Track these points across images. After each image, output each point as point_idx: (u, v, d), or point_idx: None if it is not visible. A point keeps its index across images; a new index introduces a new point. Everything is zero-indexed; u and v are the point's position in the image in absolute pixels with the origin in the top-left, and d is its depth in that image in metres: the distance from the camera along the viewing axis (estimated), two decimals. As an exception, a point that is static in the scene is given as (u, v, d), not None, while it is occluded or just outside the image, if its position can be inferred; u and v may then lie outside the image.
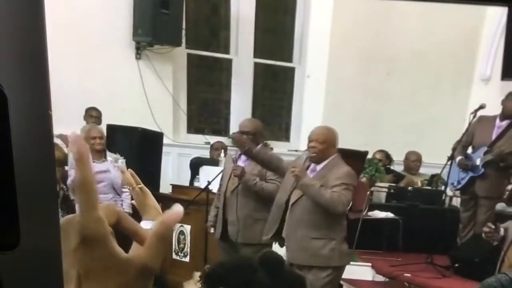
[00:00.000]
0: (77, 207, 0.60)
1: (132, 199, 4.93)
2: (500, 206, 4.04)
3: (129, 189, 2.03)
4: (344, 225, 4.44)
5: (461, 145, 6.18)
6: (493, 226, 3.91)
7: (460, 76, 8.47)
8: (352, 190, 4.31)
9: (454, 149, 6.24)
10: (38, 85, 0.57)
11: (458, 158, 6.13)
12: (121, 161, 5.68)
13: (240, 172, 4.74)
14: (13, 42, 0.53)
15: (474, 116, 6.26)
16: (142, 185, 2.13)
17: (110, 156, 5.73)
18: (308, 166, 4.42)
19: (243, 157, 4.97)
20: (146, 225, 2.17)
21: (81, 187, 0.58)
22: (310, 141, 4.39)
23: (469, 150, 6.19)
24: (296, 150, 7.80)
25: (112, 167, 5.52)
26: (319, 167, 4.36)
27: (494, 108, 6.03)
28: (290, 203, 4.40)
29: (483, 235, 4.05)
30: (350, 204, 4.49)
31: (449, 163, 6.28)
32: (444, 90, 8.33)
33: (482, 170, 5.92)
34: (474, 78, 8.41)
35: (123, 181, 1.99)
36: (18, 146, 0.52)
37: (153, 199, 2.13)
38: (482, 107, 6.21)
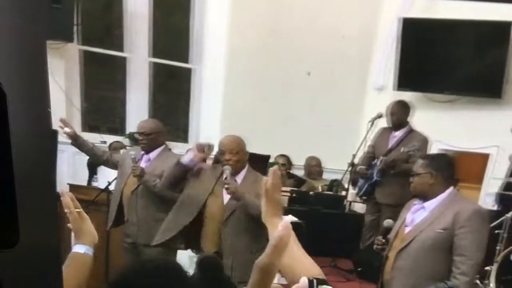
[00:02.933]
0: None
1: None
2: (387, 223, 4.20)
3: (66, 212, 1.91)
4: None
5: (366, 156, 6.36)
6: (383, 240, 4.07)
7: (355, 83, 8.60)
8: None
9: (354, 156, 6.45)
10: (37, 83, 0.57)
11: (359, 167, 6.32)
12: None
13: (139, 172, 4.66)
14: (12, 40, 0.54)
15: (372, 124, 6.50)
16: (80, 209, 2.01)
17: None
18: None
19: (145, 157, 4.90)
20: (79, 249, 2.02)
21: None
22: (222, 152, 4.25)
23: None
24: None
25: None
26: (239, 178, 4.27)
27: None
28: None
29: (374, 247, 4.19)
30: None
31: (349, 169, 6.49)
32: (340, 95, 8.46)
33: (375, 178, 6.09)
34: (368, 87, 8.59)
35: (62, 203, 1.88)
36: (17, 144, 0.52)
37: (90, 224, 2.03)
38: (379, 116, 6.47)
